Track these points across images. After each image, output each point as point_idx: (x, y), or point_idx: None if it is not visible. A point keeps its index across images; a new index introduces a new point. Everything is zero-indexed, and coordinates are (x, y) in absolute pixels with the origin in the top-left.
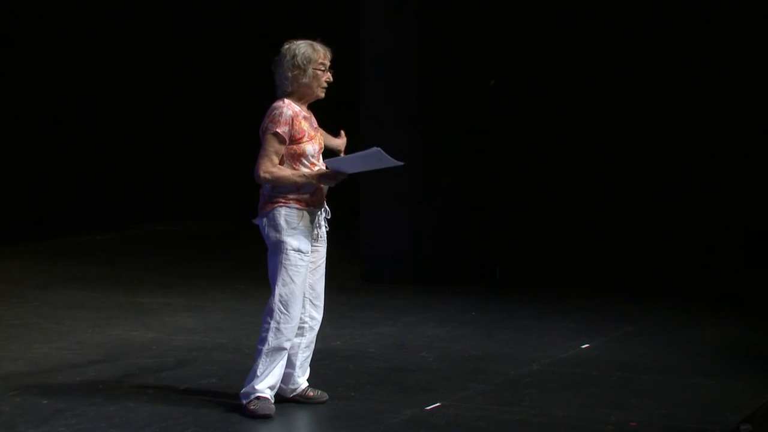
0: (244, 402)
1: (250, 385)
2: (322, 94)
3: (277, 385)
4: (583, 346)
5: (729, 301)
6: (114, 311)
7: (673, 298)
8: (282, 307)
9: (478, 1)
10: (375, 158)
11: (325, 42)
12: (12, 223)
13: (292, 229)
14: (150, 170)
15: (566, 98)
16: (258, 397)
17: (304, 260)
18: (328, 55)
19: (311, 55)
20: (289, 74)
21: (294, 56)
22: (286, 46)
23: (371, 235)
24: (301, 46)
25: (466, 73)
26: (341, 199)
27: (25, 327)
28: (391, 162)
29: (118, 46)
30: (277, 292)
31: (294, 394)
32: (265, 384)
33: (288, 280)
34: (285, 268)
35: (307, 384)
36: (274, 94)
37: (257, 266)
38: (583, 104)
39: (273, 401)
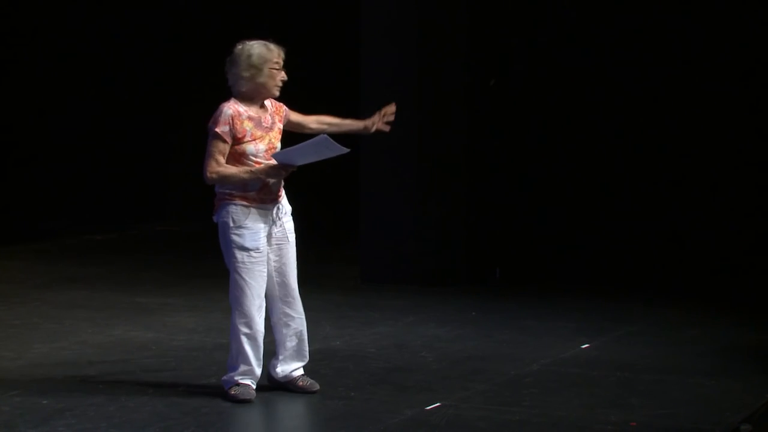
0: (226, 388)
1: (229, 375)
2: (277, 93)
3: (254, 372)
4: (583, 346)
5: (729, 301)
6: (114, 311)
7: (674, 298)
8: (235, 303)
9: (479, 1)
10: (322, 146)
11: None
12: (12, 223)
13: (238, 227)
14: (150, 170)
15: (567, 98)
16: (238, 383)
17: (253, 257)
18: (282, 55)
19: (266, 55)
20: (246, 74)
21: (249, 56)
22: (239, 47)
23: (371, 235)
24: (254, 46)
25: (467, 73)
26: (341, 198)
27: (25, 327)
28: (338, 149)
29: (118, 45)
30: (230, 288)
31: (286, 380)
32: (241, 372)
33: (237, 278)
34: (233, 266)
35: (300, 373)
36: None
37: None
38: (583, 104)
39: (253, 386)
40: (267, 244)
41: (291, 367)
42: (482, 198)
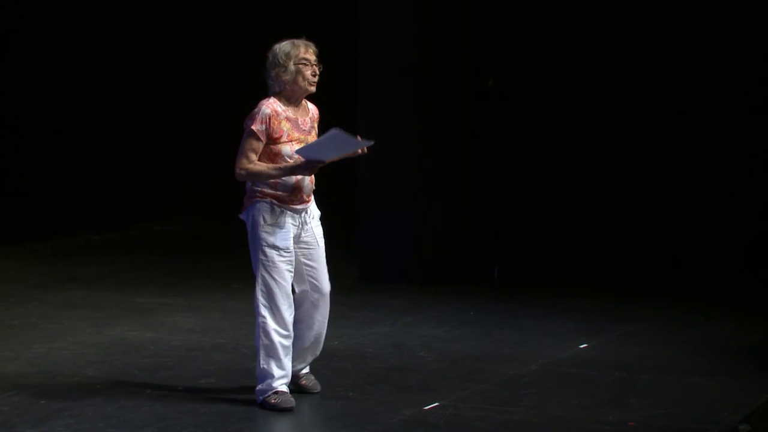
0: (261, 398)
1: (266, 382)
2: (312, 89)
3: (289, 375)
4: (582, 346)
5: (728, 301)
6: (112, 311)
7: (672, 299)
8: (265, 303)
9: (476, 1)
10: (339, 140)
11: (310, 38)
12: (11, 223)
13: (269, 225)
14: (148, 170)
15: (565, 97)
16: (276, 392)
17: (282, 256)
18: (311, 50)
19: (290, 51)
20: (272, 73)
21: (275, 55)
22: (272, 49)
23: (370, 235)
24: (282, 45)
25: (465, 73)
26: (340, 198)
27: (23, 327)
28: (357, 143)
29: (117, 45)
30: (257, 288)
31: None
32: (279, 379)
33: (267, 276)
34: (262, 264)
35: (306, 371)
36: (266, 93)
37: None
38: (582, 103)
39: (288, 390)
40: (295, 246)
41: (298, 365)
42: (480, 198)
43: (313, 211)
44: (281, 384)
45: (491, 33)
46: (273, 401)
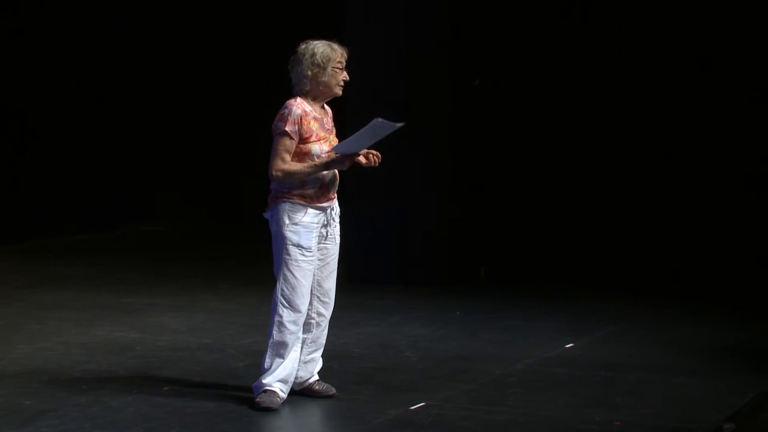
0: (255, 394)
1: (264, 378)
2: (340, 92)
3: (290, 379)
4: (568, 346)
5: (714, 301)
6: (99, 311)
7: (659, 298)
8: (284, 302)
9: (464, 1)
10: (378, 128)
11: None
12: None
13: (294, 224)
14: (137, 170)
15: (553, 96)
16: (265, 391)
17: (305, 255)
18: (345, 55)
19: (330, 54)
20: (309, 73)
21: (313, 55)
22: (303, 46)
23: (357, 235)
24: (319, 45)
25: (452, 73)
26: None
27: (9, 327)
28: (392, 126)
29: (114, 45)
30: (278, 286)
31: (300, 387)
32: (274, 378)
33: (289, 275)
34: (285, 263)
35: (316, 378)
36: (267, 94)
37: (243, 267)
38: (569, 102)
39: (283, 394)
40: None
41: (307, 375)
42: (467, 197)
43: (336, 208)
44: (277, 384)
45: (478, 31)
46: (258, 400)
